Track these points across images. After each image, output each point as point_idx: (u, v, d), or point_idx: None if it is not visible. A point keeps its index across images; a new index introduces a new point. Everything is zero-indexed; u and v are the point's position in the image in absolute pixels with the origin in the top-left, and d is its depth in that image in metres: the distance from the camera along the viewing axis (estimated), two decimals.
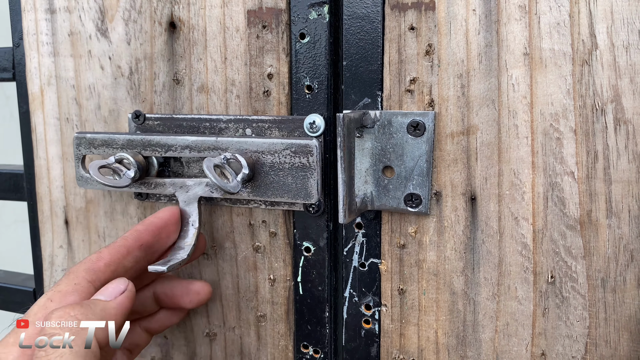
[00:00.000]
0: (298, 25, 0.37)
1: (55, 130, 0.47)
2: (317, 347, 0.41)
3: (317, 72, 0.37)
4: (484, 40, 0.33)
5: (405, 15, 0.35)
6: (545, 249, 0.33)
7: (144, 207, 0.45)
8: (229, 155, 0.37)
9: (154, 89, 0.43)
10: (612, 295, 0.32)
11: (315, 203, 0.38)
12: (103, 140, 0.42)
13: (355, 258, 0.39)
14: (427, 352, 0.38)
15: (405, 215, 0.37)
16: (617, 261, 0.32)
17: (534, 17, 0.32)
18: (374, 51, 0.36)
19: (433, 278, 0.37)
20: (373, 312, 0.39)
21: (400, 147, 0.35)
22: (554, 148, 0.32)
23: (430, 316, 0.37)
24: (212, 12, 0.40)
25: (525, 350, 0.35)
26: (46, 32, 0.46)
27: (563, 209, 0.33)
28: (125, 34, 0.43)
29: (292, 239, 0.41)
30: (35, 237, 0.50)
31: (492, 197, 0.34)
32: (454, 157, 0.35)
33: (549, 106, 0.32)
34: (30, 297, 0.53)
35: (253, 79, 0.40)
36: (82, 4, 0.44)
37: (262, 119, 0.39)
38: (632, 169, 0.31)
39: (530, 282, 0.34)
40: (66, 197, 0.48)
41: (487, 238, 0.35)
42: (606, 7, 0.30)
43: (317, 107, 0.38)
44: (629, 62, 0.30)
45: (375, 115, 0.35)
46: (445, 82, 0.34)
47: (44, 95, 0.47)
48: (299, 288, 0.41)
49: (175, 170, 0.43)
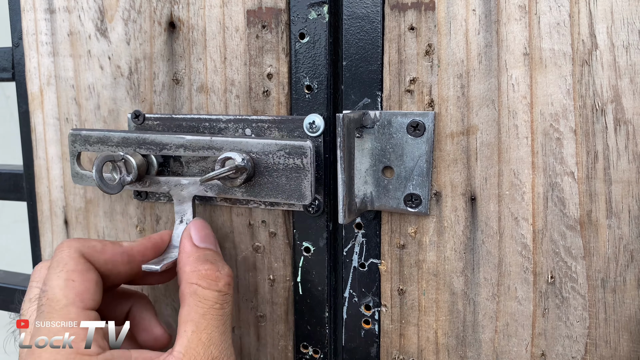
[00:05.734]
0: (298, 25, 0.37)
1: (55, 130, 0.47)
2: (316, 348, 0.41)
3: (317, 72, 0.37)
4: (484, 40, 0.33)
5: (405, 15, 0.35)
6: (545, 249, 0.33)
7: (143, 207, 0.45)
8: (229, 155, 0.37)
9: (153, 89, 0.43)
10: (612, 296, 0.32)
11: (308, 204, 0.38)
12: (98, 138, 0.41)
13: (355, 258, 0.39)
14: (427, 353, 0.38)
15: (405, 215, 0.37)
16: (617, 261, 0.32)
17: (534, 17, 0.32)
18: (374, 51, 0.36)
19: (433, 278, 0.37)
20: (373, 312, 0.39)
21: (400, 147, 0.35)
22: (554, 148, 0.32)
23: (430, 316, 0.37)
24: (212, 12, 0.40)
25: (525, 351, 0.35)
26: (45, 32, 0.46)
27: (563, 209, 0.33)
28: (125, 33, 0.43)
29: (291, 239, 0.41)
30: (35, 237, 0.50)
31: (492, 198, 0.34)
32: (454, 157, 0.35)
33: (549, 106, 0.32)
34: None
35: (252, 79, 0.39)
36: (81, 4, 0.44)
37: (262, 119, 0.39)
38: (632, 169, 0.31)
39: (530, 282, 0.34)
40: (66, 197, 0.48)
41: (487, 238, 0.35)
42: (606, 7, 0.30)
43: (316, 107, 0.38)
44: (629, 62, 0.30)
45: (375, 115, 0.35)
46: (445, 82, 0.34)
47: (44, 95, 0.47)
48: (298, 288, 0.41)
49: (174, 170, 0.42)
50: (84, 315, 0.32)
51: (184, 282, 0.35)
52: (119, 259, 0.36)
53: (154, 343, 0.40)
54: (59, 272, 0.33)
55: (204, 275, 0.34)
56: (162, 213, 0.45)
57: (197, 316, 0.33)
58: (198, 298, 0.34)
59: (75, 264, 0.34)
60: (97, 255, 0.35)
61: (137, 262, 0.37)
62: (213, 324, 0.33)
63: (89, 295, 0.33)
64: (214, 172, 0.36)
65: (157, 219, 0.45)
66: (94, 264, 0.35)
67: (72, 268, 0.34)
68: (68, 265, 0.34)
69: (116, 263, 0.36)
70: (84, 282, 0.33)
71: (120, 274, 0.37)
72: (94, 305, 0.33)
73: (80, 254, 0.35)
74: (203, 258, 0.36)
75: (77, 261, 0.34)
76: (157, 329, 0.40)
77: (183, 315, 0.34)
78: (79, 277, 0.33)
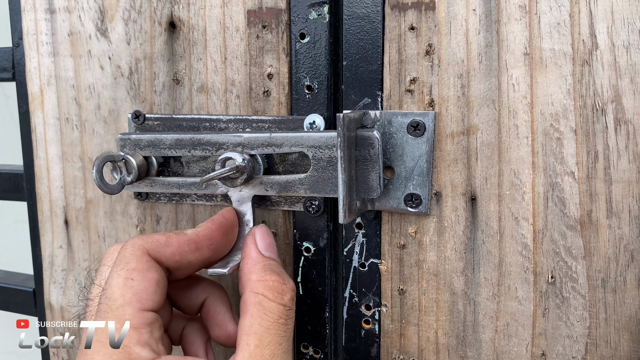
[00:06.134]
0: (298, 25, 0.37)
1: (55, 130, 0.47)
2: (317, 348, 0.41)
3: (317, 72, 0.37)
4: (484, 40, 0.33)
5: (405, 15, 0.35)
6: (545, 249, 0.33)
7: (143, 207, 0.45)
8: (229, 155, 0.36)
9: (153, 89, 0.43)
10: (613, 296, 0.32)
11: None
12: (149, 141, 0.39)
13: (355, 258, 0.39)
14: (427, 352, 0.38)
15: (405, 215, 0.37)
16: (617, 261, 0.32)
17: (534, 17, 0.32)
18: (374, 51, 0.36)
19: (433, 278, 0.37)
20: (373, 312, 0.39)
21: (400, 147, 0.35)
22: (554, 148, 0.32)
23: (430, 316, 0.37)
24: (212, 12, 0.40)
25: (526, 351, 0.35)
26: (46, 32, 0.46)
27: (563, 209, 0.33)
28: (125, 34, 0.43)
29: (292, 239, 0.41)
30: (35, 237, 0.50)
31: (492, 197, 0.34)
32: (454, 157, 0.35)
33: (549, 106, 0.32)
34: (30, 297, 0.53)
35: (253, 79, 0.39)
36: (81, 4, 0.44)
37: (262, 119, 0.39)
38: (633, 169, 0.31)
39: (530, 282, 0.34)
40: (66, 197, 0.48)
41: (487, 238, 0.35)
42: (606, 7, 0.30)
43: (317, 107, 0.38)
44: (630, 62, 0.30)
45: (375, 115, 0.35)
46: (446, 82, 0.34)
47: (44, 95, 0.47)
48: (299, 288, 0.41)
49: (175, 170, 0.43)
50: (139, 316, 0.31)
51: (248, 290, 0.33)
52: (186, 249, 0.35)
53: (226, 340, 0.37)
54: (119, 271, 0.32)
55: (270, 286, 0.33)
56: (162, 213, 0.45)
57: (261, 329, 0.32)
58: (263, 310, 0.32)
59: (137, 262, 0.32)
60: (162, 249, 0.34)
61: (206, 248, 0.35)
62: (277, 340, 0.32)
63: (147, 295, 0.32)
64: (215, 172, 0.36)
65: (158, 219, 0.45)
66: (161, 259, 0.34)
67: (133, 267, 0.32)
68: (130, 263, 0.32)
69: (184, 253, 0.35)
70: (143, 282, 0.32)
71: (191, 263, 0.35)
72: (152, 306, 0.32)
73: (143, 251, 0.33)
74: (269, 268, 0.34)
75: (139, 259, 0.33)
76: (231, 325, 0.38)
77: (246, 326, 0.32)
78: (139, 275, 0.32)
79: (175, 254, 0.34)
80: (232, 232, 0.38)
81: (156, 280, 0.33)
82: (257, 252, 0.35)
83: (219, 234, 0.36)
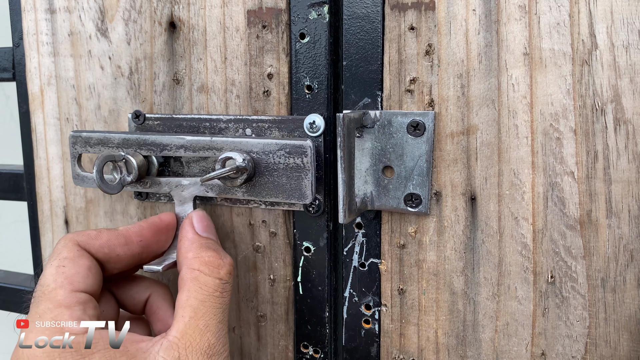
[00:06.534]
0: (298, 25, 0.37)
1: (55, 130, 0.47)
2: (317, 347, 0.41)
3: (317, 72, 0.37)
4: (484, 40, 0.33)
5: (405, 15, 0.35)
6: (545, 249, 0.33)
7: (143, 207, 0.45)
8: (229, 155, 0.37)
9: (153, 89, 0.43)
10: (612, 295, 0.32)
11: (309, 204, 0.38)
12: (99, 139, 0.42)
13: (355, 258, 0.39)
14: (427, 352, 0.38)
15: (405, 215, 0.37)
16: (617, 261, 0.32)
17: (534, 17, 0.32)
18: (374, 51, 0.36)
19: (433, 278, 0.37)
20: (373, 312, 0.39)
21: (400, 147, 0.35)
22: (554, 148, 0.32)
23: (430, 316, 0.37)
24: (212, 12, 0.40)
25: (525, 350, 0.35)
26: (46, 32, 0.46)
27: (563, 209, 0.33)
28: (125, 34, 0.43)
29: (292, 238, 0.41)
30: (35, 237, 0.50)
31: (492, 197, 0.34)
32: (454, 157, 0.35)
33: (549, 106, 0.32)
34: (30, 297, 0.53)
35: (253, 79, 0.40)
36: (82, 4, 0.44)
37: (262, 119, 0.39)
38: (632, 168, 0.31)
39: (530, 282, 0.34)
40: (66, 197, 0.48)
41: (487, 238, 0.35)
42: (606, 7, 0.30)
43: (317, 107, 0.38)
44: (629, 62, 0.30)
45: (375, 115, 0.35)
46: (445, 82, 0.34)
47: (44, 95, 0.47)
48: (299, 288, 0.41)
49: (175, 170, 0.43)
50: (71, 296, 0.32)
51: (185, 267, 0.35)
52: (115, 242, 0.36)
53: None
54: (52, 261, 0.34)
55: (206, 261, 0.34)
56: None
57: (196, 302, 0.33)
58: (199, 284, 0.34)
59: (68, 252, 0.34)
60: (91, 241, 0.36)
61: (135, 244, 0.37)
62: (212, 312, 0.33)
63: (79, 278, 0.33)
64: (215, 172, 0.36)
65: None
66: (90, 250, 0.36)
67: (65, 256, 0.34)
68: (61, 254, 0.34)
69: (112, 246, 0.36)
70: (74, 267, 0.34)
71: (119, 257, 0.37)
72: (84, 288, 0.33)
73: (74, 242, 0.35)
74: (205, 245, 0.36)
75: (70, 249, 0.35)
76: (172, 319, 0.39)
77: (182, 300, 0.33)
78: (70, 262, 0.34)
79: (104, 246, 0.36)
80: (167, 233, 0.39)
81: (87, 266, 0.34)
82: (193, 233, 0.37)
83: (150, 232, 0.38)
